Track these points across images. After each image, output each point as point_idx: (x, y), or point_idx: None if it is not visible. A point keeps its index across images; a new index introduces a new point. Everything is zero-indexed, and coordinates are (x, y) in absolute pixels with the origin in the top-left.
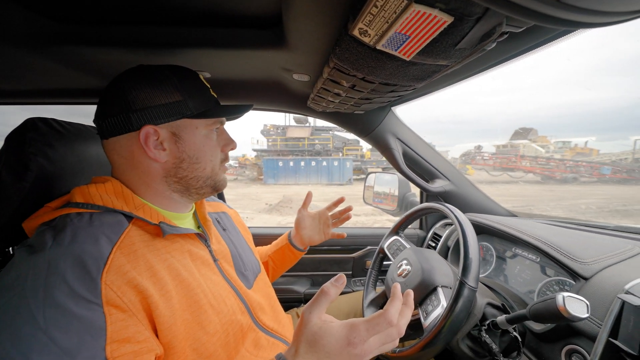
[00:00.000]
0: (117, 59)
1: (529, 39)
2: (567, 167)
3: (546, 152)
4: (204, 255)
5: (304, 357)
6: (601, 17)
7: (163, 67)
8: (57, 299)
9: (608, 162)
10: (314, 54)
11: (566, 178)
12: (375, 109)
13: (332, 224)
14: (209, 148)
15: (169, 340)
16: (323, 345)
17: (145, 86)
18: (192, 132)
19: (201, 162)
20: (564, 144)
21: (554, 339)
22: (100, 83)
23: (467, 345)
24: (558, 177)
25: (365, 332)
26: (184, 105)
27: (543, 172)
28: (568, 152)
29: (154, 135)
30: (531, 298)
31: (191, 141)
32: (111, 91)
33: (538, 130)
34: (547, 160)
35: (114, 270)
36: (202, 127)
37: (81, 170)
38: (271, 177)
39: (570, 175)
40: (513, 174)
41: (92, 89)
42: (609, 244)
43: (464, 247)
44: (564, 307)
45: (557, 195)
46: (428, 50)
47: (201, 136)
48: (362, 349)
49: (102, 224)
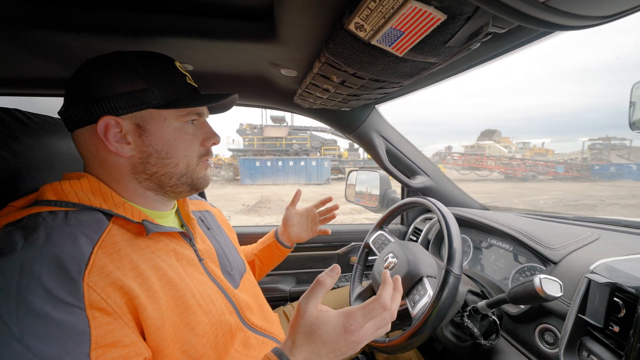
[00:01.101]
0: (90, 47)
1: (508, 41)
2: (527, 166)
3: (509, 152)
4: (189, 255)
5: (301, 348)
6: (577, 20)
7: (127, 53)
8: (33, 304)
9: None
10: (304, 49)
11: (526, 176)
12: (360, 107)
13: (319, 222)
14: (181, 142)
15: (157, 343)
16: (320, 334)
17: (106, 73)
18: (160, 124)
19: (172, 158)
20: (524, 144)
21: (528, 319)
22: (69, 73)
23: (450, 331)
24: (519, 175)
25: (361, 318)
26: (149, 93)
27: (506, 170)
28: (528, 152)
29: (115, 127)
30: (506, 284)
31: (158, 134)
32: (75, 79)
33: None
34: (509, 160)
35: (96, 271)
36: (172, 118)
37: (50, 166)
38: (248, 178)
39: (530, 173)
40: (480, 172)
41: (59, 79)
42: (572, 232)
43: (448, 238)
44: (540, 288)
45: (518, 192)
46: (420, 47)
47: (171, 129)
48: (359, 335)
49: (80, 223)
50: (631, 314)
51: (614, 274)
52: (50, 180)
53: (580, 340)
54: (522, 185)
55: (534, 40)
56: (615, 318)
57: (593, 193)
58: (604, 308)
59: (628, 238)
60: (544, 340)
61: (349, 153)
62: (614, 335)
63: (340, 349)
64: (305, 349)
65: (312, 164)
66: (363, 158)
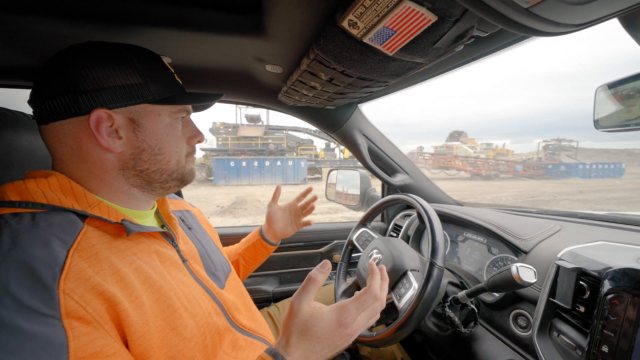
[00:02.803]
0: (61, 34)
1: (487, 45)
2: (490, 165)
3: (474, 153)
4: (172, 256)
5: (296, 347)
6: (555, 27)
7: (119, 45)
8: (1, 317)
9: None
10: (293, 44)
11: (489, 175)
12: (343, 106)
13: (302, 214)
14: (173, 139)
15: (142, 351)
16: (315, 331)
17: (97, 64)
18: (154, 120)
19: (165, 154)
20: (488, 145)
21: (503, 306)
22: (36, 62)
23: (432, 322)
24: (483, 174)
25: (355, 310)
26: (145, 88)
27: (472, 170)
28: (491, 153)
29: (107, 121)
30: (481, 275)
31: (153, 130)
32: (53, 69)
33: (468, 133)
34: (475, 160)
35: (73, 277)
36: (165, 114)
37: (8, 164)
38: (222, 178)
39: (493, 172)
40: (449, 171)
41: (24, 67)
42: (539, 224)
43: (431, 232)
44: (517, 275)
45: (483, 190)
46: (410, 47)
47: (164, 125)
48: (352, 328)
49: (51, 225)
50: (594, 295)
51: (578, 260)
52: (8, 180)
53: (551, 322)
54: (486, 184)
55: (510, 46)
56: (581, 300)
57: (547, 190)
58: (572, 291)
59: (586, 228)
60: (517, 324)
61: (325, 153)
62: (580, 315)
63: (335, 343)
64: (301, 347)
65: (289, 164)
66: (339, 158)
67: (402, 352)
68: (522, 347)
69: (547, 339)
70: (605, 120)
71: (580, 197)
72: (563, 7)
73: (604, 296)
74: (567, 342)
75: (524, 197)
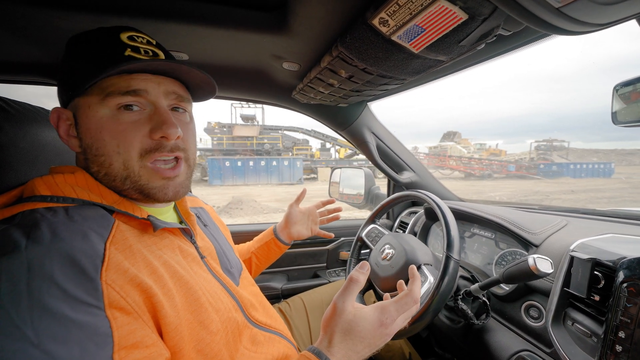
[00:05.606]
0: (75, 28)
1: (506, 43)
2: (483, 165)
3: (468, 153)
4: (192, 252)
5: (339, 347)
6: (581, 26)
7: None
8: (49, 305)
9: (512, 161)
10: (314, 42)
11: (483, 174)
12: (354, 104)
13: (318, 222)
14: (110, 134)
15: (175, 343)
16: (359, 331)
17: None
18: (85, 113)
19: (103, 155)
20: (481, 145)
21: (514, 298)
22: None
23: (445, 315)
24: (477, 174)
25: (395, 312)
26: (73, 78)
27: (466, 169)
28: (484, 153)
29: (65, 120)
30: (489, 269)
31: (85, 126)
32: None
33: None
34: (469, 160)
35: (113, 268)
36: (97, 104)
37: (34, 159)
38: (217, 178)
39: (486, 172)
40: (443, 171)
41: (38, 63)
42: (546, 219)
43: (445, 226)
44: (535, 266)
45: (477, 189)
46: (436, 45)
47: (97, 118)
48: (391, 328)
49: (86, 219)
50: (609, 284)
51: (590, 251)
52: (34, 175)
53: (565, 311)
54: (479, 183)
55: (525, 45)
56: (595, 289)
57: (540, 189)
58: (587, 280)
59: (591, 223)
60: (529, 315)
61: (321, 153)
62: (594, 304)
63: (375, 342)
64: (344, 346)
65: (285, 164)
66: (335, 158)
67: (409, 347)
68: (535, 337)
69: (561, 328)
70: (623, 116)
71: (573, 196)
72: (592, 7)
73: (620, 284)
74: (582, 329)
75: (517, 196)
